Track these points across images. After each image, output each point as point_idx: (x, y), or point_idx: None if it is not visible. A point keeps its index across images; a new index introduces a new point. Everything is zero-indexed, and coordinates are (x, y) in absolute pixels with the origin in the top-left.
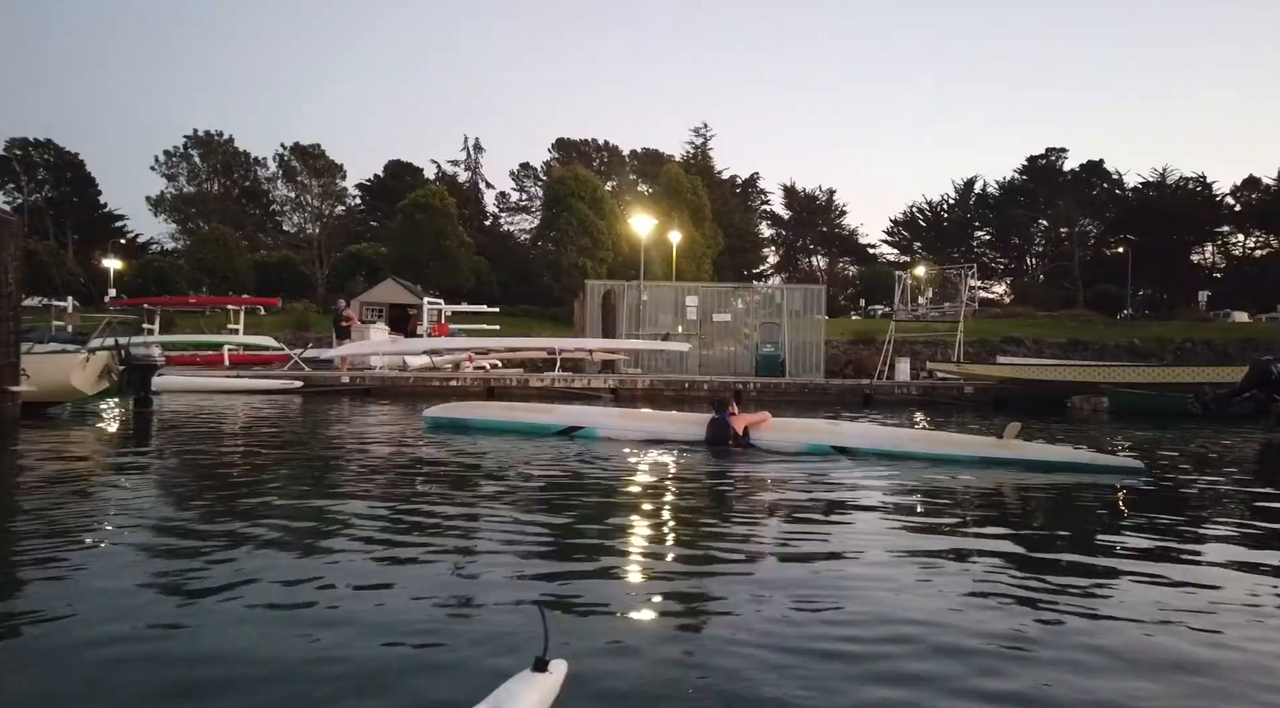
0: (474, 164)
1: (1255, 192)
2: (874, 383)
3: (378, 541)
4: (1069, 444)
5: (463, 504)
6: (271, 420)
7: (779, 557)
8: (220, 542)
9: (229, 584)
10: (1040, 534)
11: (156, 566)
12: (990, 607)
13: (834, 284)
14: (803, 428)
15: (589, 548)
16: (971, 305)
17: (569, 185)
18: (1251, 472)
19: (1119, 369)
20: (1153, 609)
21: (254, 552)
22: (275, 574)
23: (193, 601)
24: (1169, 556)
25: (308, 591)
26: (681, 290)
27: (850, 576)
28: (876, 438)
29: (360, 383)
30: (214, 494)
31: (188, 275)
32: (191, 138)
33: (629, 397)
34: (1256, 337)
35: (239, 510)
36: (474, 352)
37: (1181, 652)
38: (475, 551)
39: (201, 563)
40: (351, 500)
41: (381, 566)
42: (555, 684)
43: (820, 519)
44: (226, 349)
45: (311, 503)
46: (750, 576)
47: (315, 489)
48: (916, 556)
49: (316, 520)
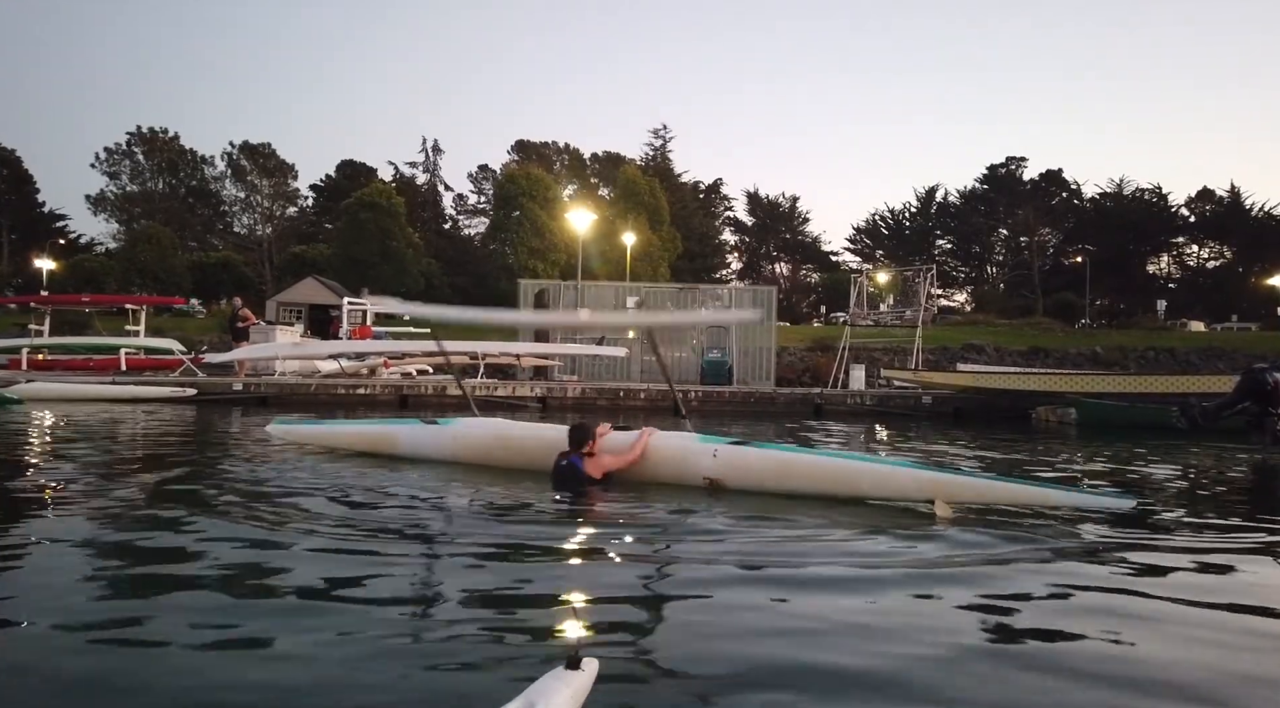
0: (432, 166)
1: (1209, 203)
2: (825, 392)
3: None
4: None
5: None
6: (128, 435)
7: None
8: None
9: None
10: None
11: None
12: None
13: (796, 291)
14: (678, 455)
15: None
16: (931, 309)
17: (520, 184)
18: (1252, 502)
19: (1086, 378)
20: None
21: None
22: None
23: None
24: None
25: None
26: (622, 291)
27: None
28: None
29: (256, 391)
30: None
31: (119, 276)
32: (135, 134)
33: (558, 406)
34: (1218, 345)
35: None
36: (388, 356)
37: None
38: (509, 549)
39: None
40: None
41: (419, 561)
42: (588, 682)
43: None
44: (124, 353)
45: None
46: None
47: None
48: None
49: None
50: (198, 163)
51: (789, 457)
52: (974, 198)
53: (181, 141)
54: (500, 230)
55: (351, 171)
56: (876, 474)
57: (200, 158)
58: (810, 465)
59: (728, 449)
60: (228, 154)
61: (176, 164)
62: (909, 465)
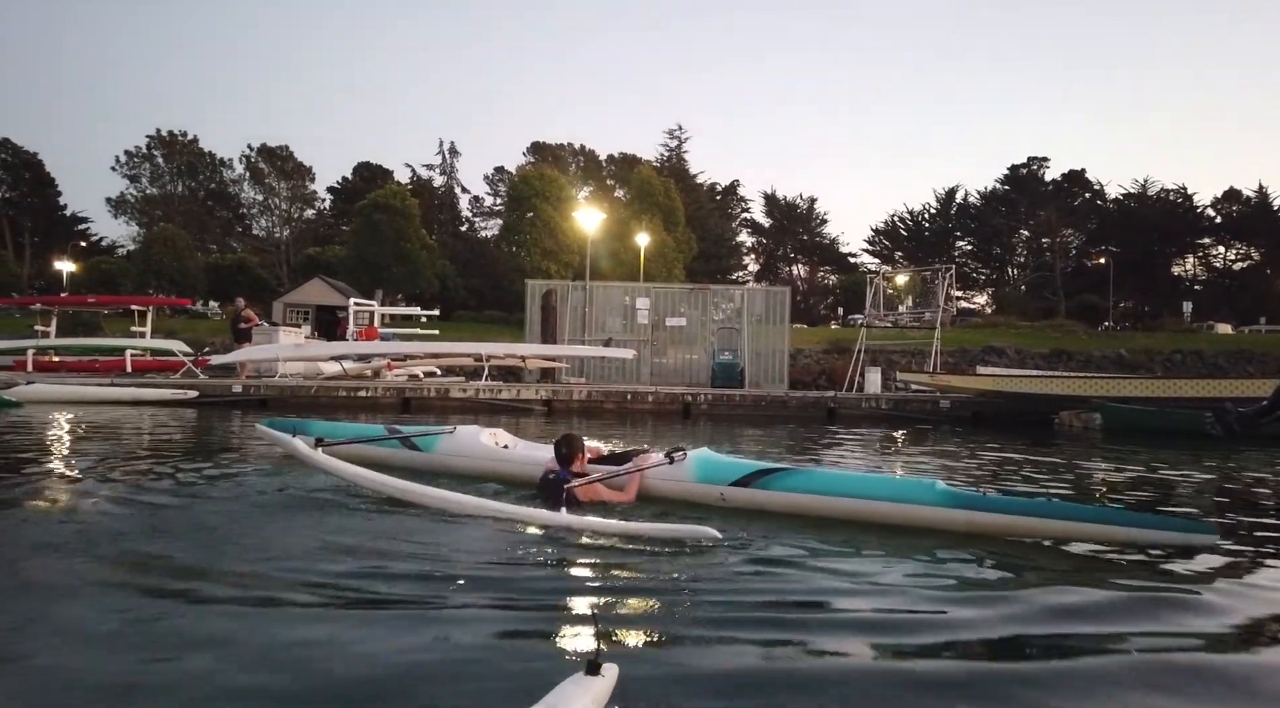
0: (449, 168)
1: (1236, 204)
2: (839, 396)
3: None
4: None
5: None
6: (123, 439)
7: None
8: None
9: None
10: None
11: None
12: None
13: (814, 293)
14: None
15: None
16: (950, 310)
17: (533, 185)
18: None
19: (1111, 381)
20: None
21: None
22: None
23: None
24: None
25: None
26: (631, 292)
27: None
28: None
29: (256, 393)
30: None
31: (135, 278)
32: (154, 138)
33: (563, 409)
34: (1248, 348)
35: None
36: (391, 358)
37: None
38: (528, 555)
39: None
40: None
41: (431, 567)
42: (608, 688)
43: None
44: (129, 354)
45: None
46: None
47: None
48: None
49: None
50: (216, 165)
51: (808, 500)
52: (995, 199)
53: (200, 144)
54: (513, 231)
55: (369, 174)
56: (907, 515)
57: (219, 161)
58: (833, 509)
59: (737, 493)
60: (246, 156)
61: (195, 167)
62: (944, 501)
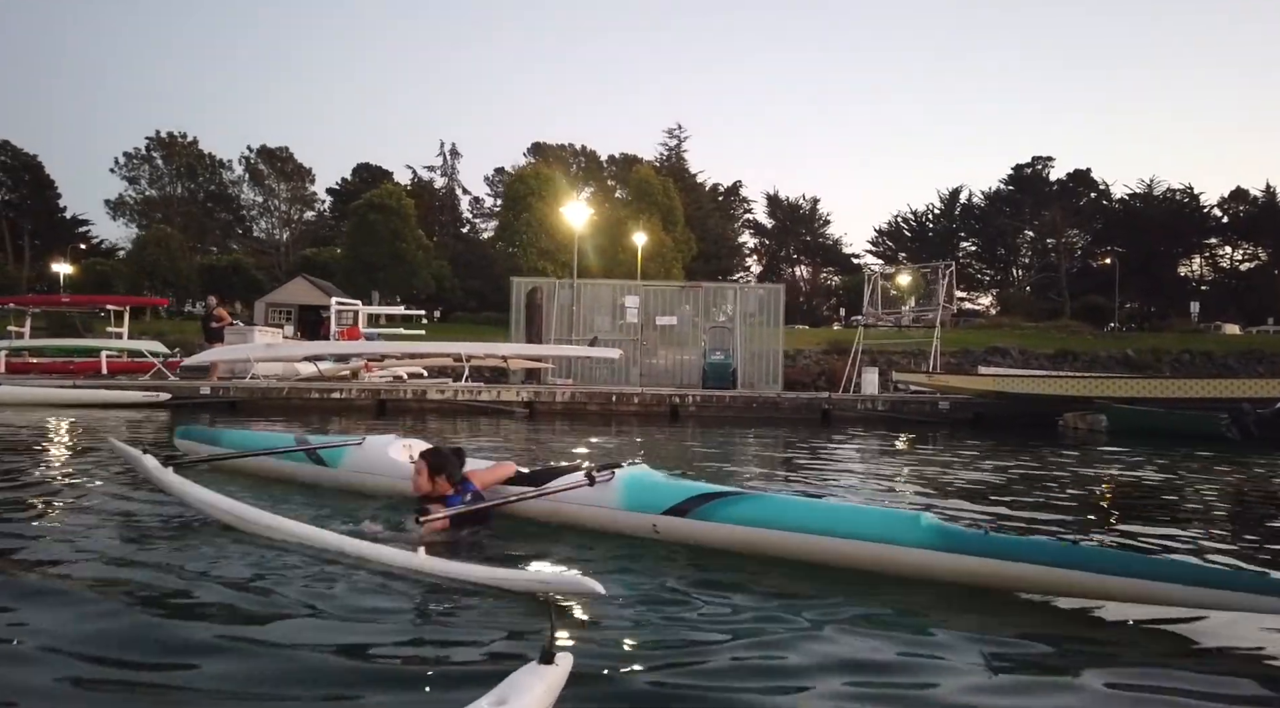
0: (450, 170)
1: (1243, 204)
2: (834, 397)
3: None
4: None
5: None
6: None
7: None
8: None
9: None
10: None
11: None
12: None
13: (816, 294)
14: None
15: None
16: (950, 308)
17: (529, 184)
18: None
19: (1118, 382)
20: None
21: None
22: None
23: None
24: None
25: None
26: (620, 289)
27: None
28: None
29: (224, 395)
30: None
31: (129, 279)
32: (154, 139)
33: (545, 411)
34: (1258, 348)
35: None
36: (369, 359)
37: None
38: (475, 542)
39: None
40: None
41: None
42: (562, 677)
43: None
44: (105, 355)
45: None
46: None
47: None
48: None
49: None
50: (216, 167)
51: (759, 535)
52: (999, 199)
53: (200, 146)
54: (509, 231)
55: (368, 175)
56: (883, 558)
57: (219, 162)
58: (790, 547)
59: (673, 524)
60: (245, 158)
61: (195, 168)
62: (933, 541)
